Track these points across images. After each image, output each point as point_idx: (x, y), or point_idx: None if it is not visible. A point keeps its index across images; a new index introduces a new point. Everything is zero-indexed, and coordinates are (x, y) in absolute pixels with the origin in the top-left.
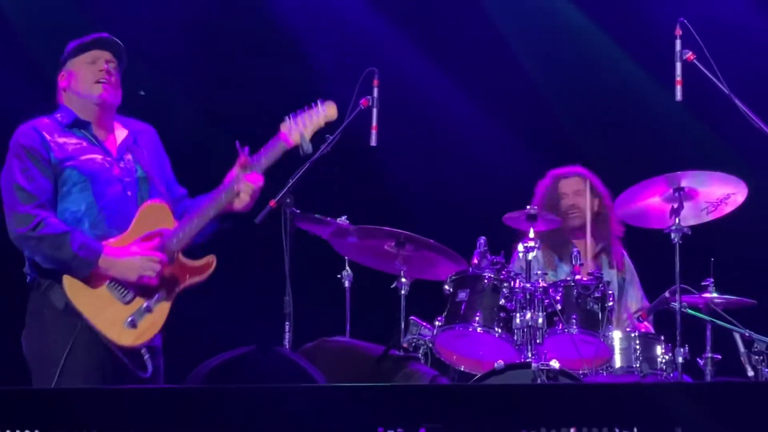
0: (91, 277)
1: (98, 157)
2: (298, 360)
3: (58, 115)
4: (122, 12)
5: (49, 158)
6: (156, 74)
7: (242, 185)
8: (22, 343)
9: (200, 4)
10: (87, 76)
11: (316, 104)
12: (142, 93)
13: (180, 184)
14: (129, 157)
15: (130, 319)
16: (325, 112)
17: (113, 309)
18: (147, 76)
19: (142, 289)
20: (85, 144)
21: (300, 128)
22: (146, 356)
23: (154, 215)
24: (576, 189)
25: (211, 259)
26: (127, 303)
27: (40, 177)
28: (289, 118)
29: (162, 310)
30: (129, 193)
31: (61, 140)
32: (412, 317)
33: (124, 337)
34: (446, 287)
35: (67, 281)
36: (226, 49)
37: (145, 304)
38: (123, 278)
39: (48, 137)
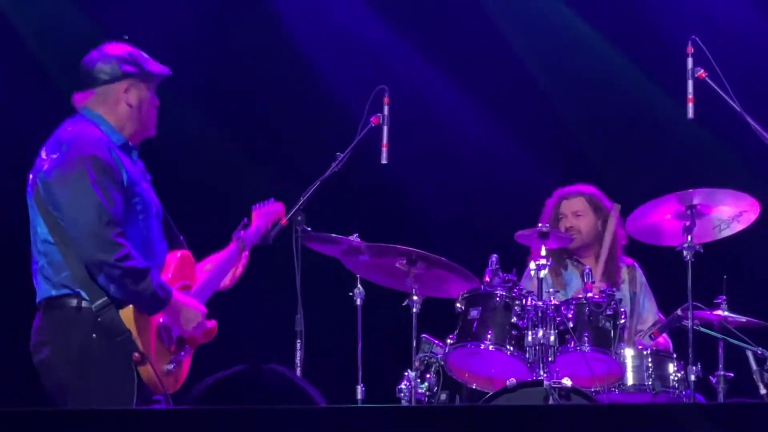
0: (149, 322)
1: (146, 185)
2: (293, 377)
3: (100, 129)
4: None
5: (122, 179)
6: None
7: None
8: (47, 366)
9: (210, 20)
10: (152, 110)
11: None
12: (126, 37)
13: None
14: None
15: (171, 366)
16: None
17: (159, 351)
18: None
19: (182, 339)
20: (137, 169)
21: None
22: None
23: (187, 267)
24: (575, 210)
25: (215, 324)
26: (168, 350)
27: (119, 201)
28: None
29: (187, 364)
30: (153, 228)
31: (123, 160)
32: (423, 335)
33: (168, 385)
34: (458, 305)
35: (130, 312)
36: (236, 67)
37: (178, 357)
38: (173, 325)
39: (118, 156)
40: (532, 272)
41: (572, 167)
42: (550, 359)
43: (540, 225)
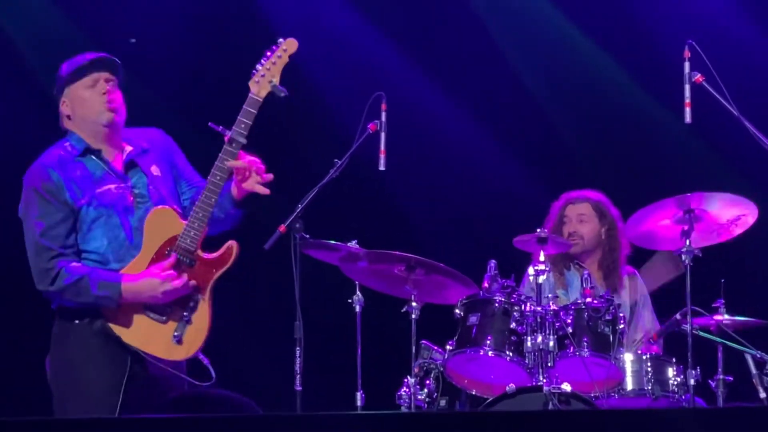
0: (127, 309)
1: (112, 186)
2: (229, 395)
3: (67, 144)
4: (124, 28)
5: (65, 198)
6: (167, 107)
7: (232, 162)
8: (49, 371)
9: (205, 30)
10: (92, 101)
11: (275, 46)
12: (133, 41)
13: None
14: (136, 173)
15: (174, 336)
16: (287, 50)
17: (158, 332)
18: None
19: (174, 303)
20: (98, 174)
21: (268, 78)
22: (206, 362)
23: (161, 222)
24: (580, 215)
25: (230, 244)
26: (166, 322)
27: (55, 223)
28: (255, 73)
29: (202, 315)
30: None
31: (74, 174)
32: (423, 341)
33: (176, 353)
34: (457, 311)
35: (108, 319)
36: (232, 75)
37: (183, 317)
38: (152, 302)
39: (61, 174)
40: (531, 278)
41: (570, 173)
42: (549, 365)
43: (538, 230)
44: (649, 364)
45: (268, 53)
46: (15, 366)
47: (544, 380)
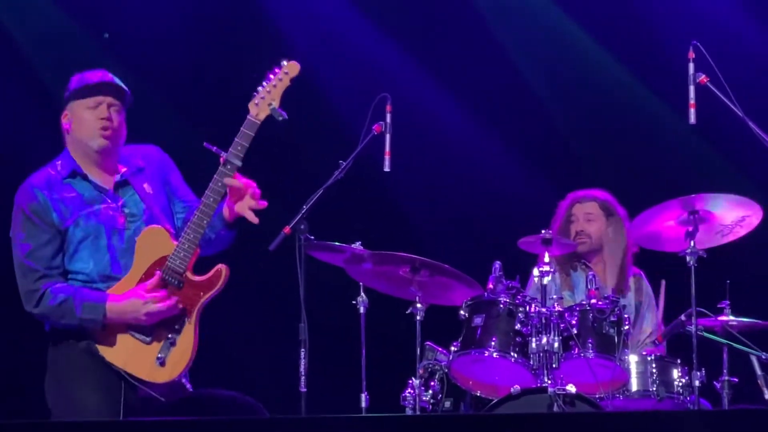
0: (112, 329)
1: (101, 207)
2: (236, 396)
3: (58, 163)
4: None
5: (51, 219)
6: (172, 110)
7: (227, 181)
8: (47, 396)
9: (208, 31)
10: (89, 123)
11: (277, 68)
12: (107, 35)
13: None
14: (127, 192)
15: (158, 358)
16: (288, 73)
17: (141, 353)
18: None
19: (159, 325)
20: (86, 195)
21: (268, 101)
22: (188, 386)
23: (152, 242)
24: (587, 214)
25: (219, 268)
26: (150, 343)
27: (41, 245)
28: (255, 95)
29: (187, 337)
30: (136, 238)
31: (62, 195)
32: (427, 342)
33: (159, 375)
34: (462, 312)
35: (93, 338)
36: (237, 77)
37: (168, 339)
38: (136, 322)
39: (48, 194)
40: (536, 279)
41: (574, 174)
42: (554, 366)
43: (543, 231)
44: (654, 365)
45: (270, 75)
46: (13, 369)
47: (549, 381)
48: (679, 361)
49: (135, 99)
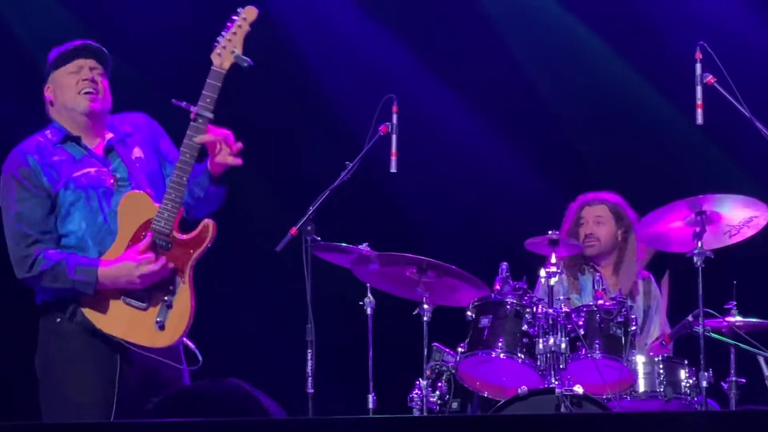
0: (104, 296)
1: (92, 170)
2: (253, 392)
3: (48, 131)
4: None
5: (42, 183)
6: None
7: (199, 139)
8: (38, 371)
9: (213, 31)
10: (72, 87)
11: (234, 15)
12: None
13: None
14: (117, 157)
15: (157, 322)
16: (247, 18)
17: (138, 319)
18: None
19: (153, 289)
20: (77, 158)
21: (230, 49)
22: (192, 345)
23: (134, 207)
24: (597, 217)
25: (206, 222)
26: (147, 309)
27: (32, 209)
28: (217, 44)
29: (183, 298)
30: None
31: (53, 159)
32: (434, 343)
33: (160, 340)
34: (468, 313)
35: (87, 311)
36: (243, 78)
37: (164, 302)
38: (130, 287)
39: (38, 159)
40: (543, 280)
41: (581, 175)
42: (561, 367)
43: (550, 232)
44: (661, 366)
45: (228, 24)
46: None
47: (556, 382)
48: (686, 361)
49: (135, 77)
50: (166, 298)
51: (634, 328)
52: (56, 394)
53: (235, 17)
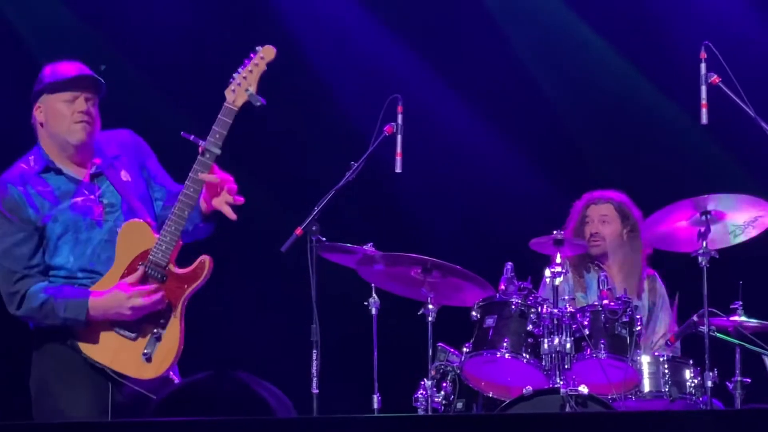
0: (96, 327)
1: (78, 199)
2: (256, 387)
3: (31, 158)
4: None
5: (28, 216)
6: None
7: (203, 176)
8: (33, 392)
9: (218, 32)
10: (67, 117)
11: (252, 53)
12: (103, 68)
13: None
14: (104, 182)
15: (144, 353)
16: (264, 57)
17: (127, 350)
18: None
19: (144, 321)
20: (62, 188)
21: (245, 86)
22: (177, 380)
23: (133, 237)
24: (602, 216)
25: (203, 259)
26: (136, 339)
27: (18, 244)
28: (232, 81)
29: (173, 332)
30: (117, 230)
31: (38, 189)
32: (439, 344)
33: (146, 372)
34: (473, 313)
35: (77, 337)
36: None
37: (153, 334)
38: (120, 318)
39: (22, 190)
40: (548, 280)
41: (586, 174)
42: (566, 367)
43: (555, 232)
44: (666, 366)
45: (246, 61)
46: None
47: (561, 382)
48: (691, 361)
49: (135, 85)
50: (155, 330)
51: (639, 328)
52: (50, 413)
53: (252, 54)
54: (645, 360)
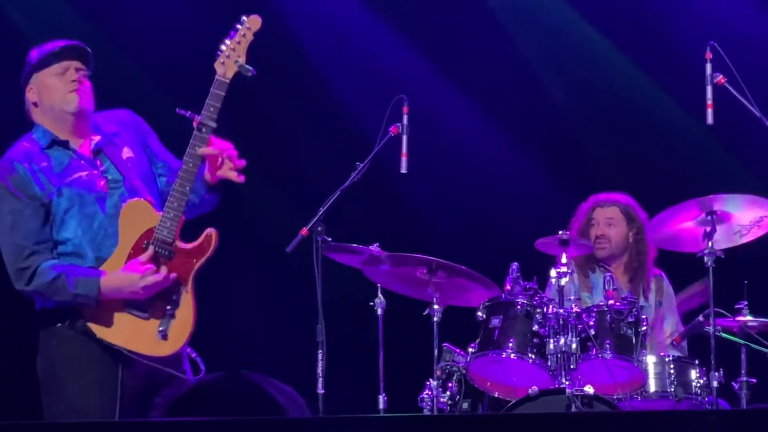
0: (106, 305)
1: (83, 174)
2: (267, 387)
3: (33, 136)
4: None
5: (34, 192)
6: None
7: (201, 151)
8: (40, 372)
9: (219, 30)
10: (60, 88)
11: (238, 24)
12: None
13: None
14: (107, 159)
15: (159, 331)
16: (251, 28)
17: (141, 328)
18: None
19: (155, 299)
20: (66, 162)
21: (234, 58)
22: (194, 354)
23: (136, 216)
24: (608, 218)
25: (209, 232)
26: (149, 318)
27: (27, 219)
28: (220, 54)
29: (185, 308)
30: (123, 204)
31: (42, 165)
32: (445, 344)
33: (162, 349)
34: (479, 313)
35: (87, 318)
36: (253, 80)
37: (167, 312)
38: (133, 297)
39: (27, 167)
40: (553, 280)
41: (591, 175)
42: (572, 367)
43: (560, 232)
44: (671, 366)
45: (232, 32)
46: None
47: (567, 382)
48: (697, 361)
49: (141, 80)
50: (168, 307)
51: (644, 328)
52: (58, 397)
53: (238, 26)
54: (651, 360)
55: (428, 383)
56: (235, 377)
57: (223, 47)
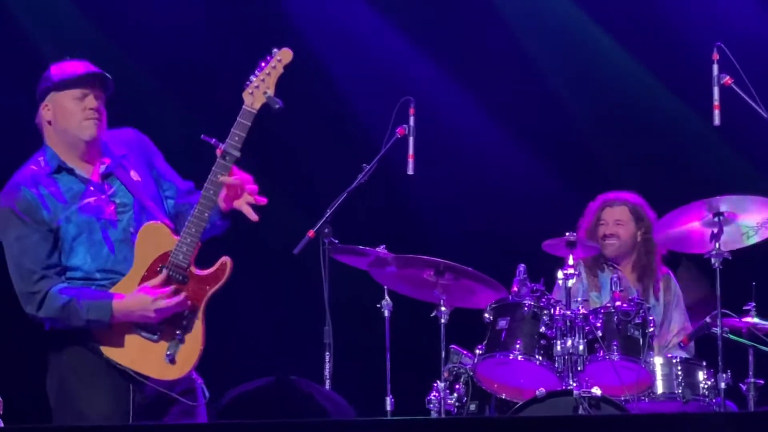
0: (118, 328)
1: (91, 200)
2: (318, 390)
3: (41, 159)
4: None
5: (42, 217)
6: (197, 112)
7: (222, 179)
8: (51, 393)
9: (225, 31)
10: (76, 113)
11: (269, 56)
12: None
13: None
14: (115, 181)
15: (167, 355)
16: (282, 60)
17: (149, 351)
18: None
19: (166, 322)
20: (74, 189)
21: (263, 89)
22: (199, 381)
23: (152, 238)
24: (617, 218)
25: (224, 260)
26: (158, 341)
27: (35, 245)
28: (249, 84)
29: (195, 333)
30: (131, 230)
31: (50, 190)
32: (452, 346)
33: (169, 373)
34: (486, 315)
35: (97, 338)
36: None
37: (176, 336)
38: (144, 320)
39: (35, 192)
40: (560, 281)
41: (598, 176)
42: (579, 368)
43: (567, 234)
44: (679, 367)
45: (263, 64)
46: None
47: (574, 384)
48: (704, 363)
49: (148, 97)
50: (178, 332)
51: (651, 329)
52: (71, 413)
53: (269, 57)
54: (658, 361)
55: (435, 385)
56: (285, 382)
57: (252, 78)
